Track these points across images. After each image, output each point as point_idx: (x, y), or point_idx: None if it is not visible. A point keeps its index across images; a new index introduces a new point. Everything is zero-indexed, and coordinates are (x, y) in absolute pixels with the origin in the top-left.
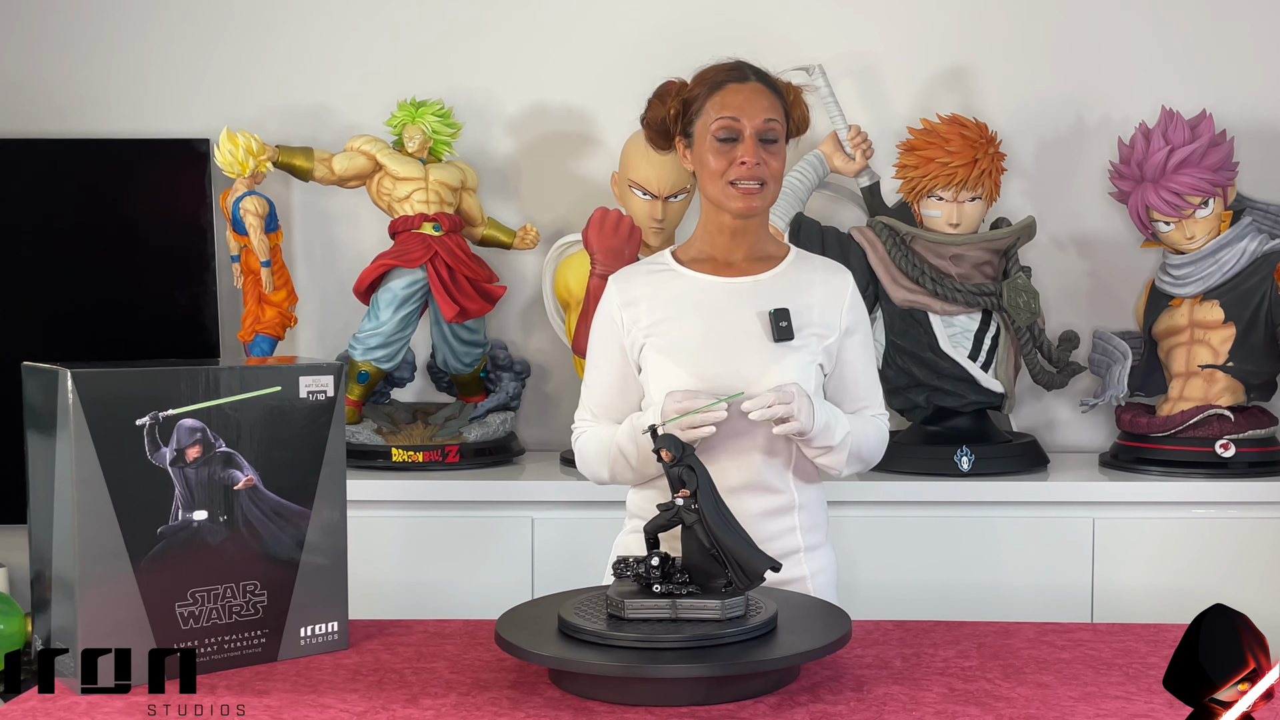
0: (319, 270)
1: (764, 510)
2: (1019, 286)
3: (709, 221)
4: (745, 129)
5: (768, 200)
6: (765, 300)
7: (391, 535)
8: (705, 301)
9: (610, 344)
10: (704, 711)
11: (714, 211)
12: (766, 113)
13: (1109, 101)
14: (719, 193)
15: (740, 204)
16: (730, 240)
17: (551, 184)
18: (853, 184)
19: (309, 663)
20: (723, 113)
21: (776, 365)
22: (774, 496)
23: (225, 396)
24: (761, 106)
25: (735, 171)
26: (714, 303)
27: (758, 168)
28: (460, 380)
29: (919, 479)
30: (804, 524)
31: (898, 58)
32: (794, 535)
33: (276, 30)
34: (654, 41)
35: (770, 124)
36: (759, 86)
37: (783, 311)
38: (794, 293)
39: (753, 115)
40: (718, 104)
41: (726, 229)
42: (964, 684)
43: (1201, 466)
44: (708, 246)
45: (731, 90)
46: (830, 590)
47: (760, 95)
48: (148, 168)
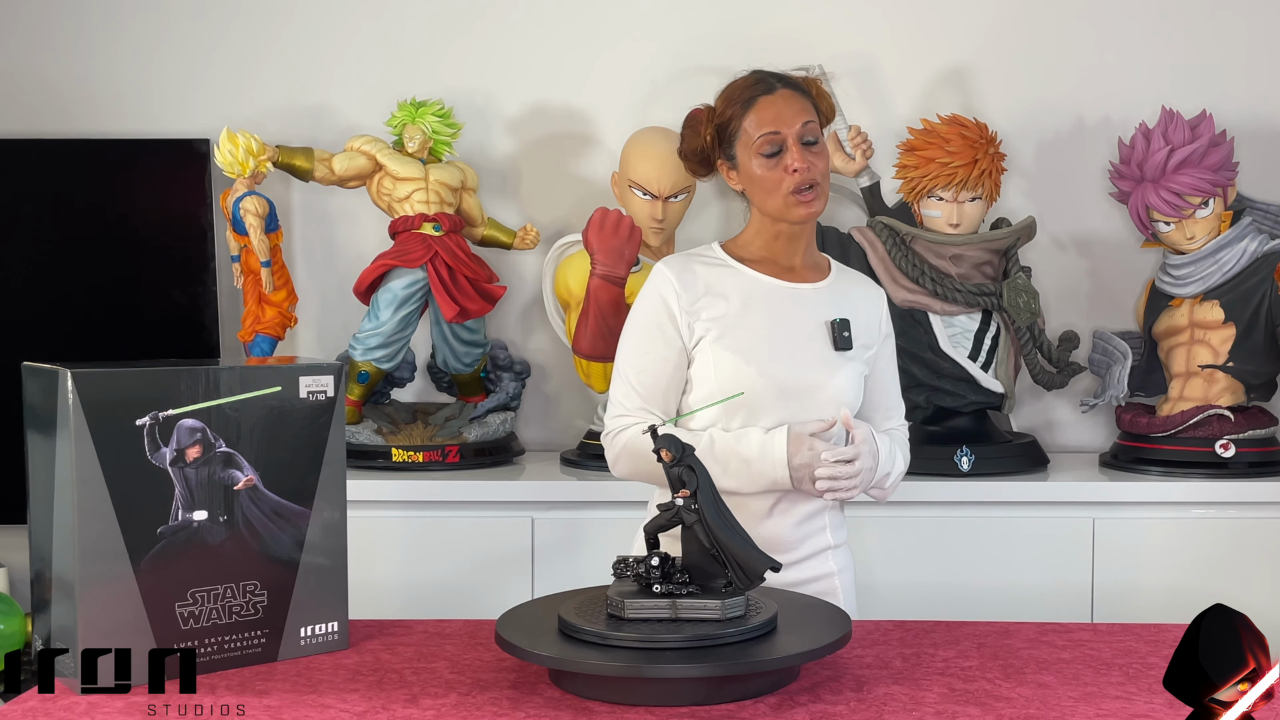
0: (319, 270)
1: (805, 513)
2: (1019, 286)
3: (764, 228)
4: (788, 138)
5: (824, 200)
6: (824, 308)
7: (391, 535)
8: (772, 303)
9: (667, 328)
10: (704, 711)
11: (772, 222)
12: (802, 116)
13: (1109, 101)
14: (779, 205)
15: (804, 210)
16: (789, 245)
17: (551, 184)
18: (853, 184)
19: (309, 663)
20: (762, 129)
21: (837, 374)
22: (808, 501)
23: (225, 396)
24: (796, 111)
25: (791, 181)
26: (782, 307)
27: (809, 172)
28: (460, 380)
29: (919, 479)
30: (833, 523)
31: (898, 58)
32: (824, 534)
33: (276, 30)
34: (654, 42)
35: (809, 126)
36: (787, 93)
37: (845, 322)
38: (845, 304)
39: (791, 122)
40: (755, 121)
41: (785, 234)
42: (964, 684)
43: (1201, 466)
44: (765, 249)
45: (764, 104)
46: (853, 587)
47: (792, 100)
48: (148, 168)
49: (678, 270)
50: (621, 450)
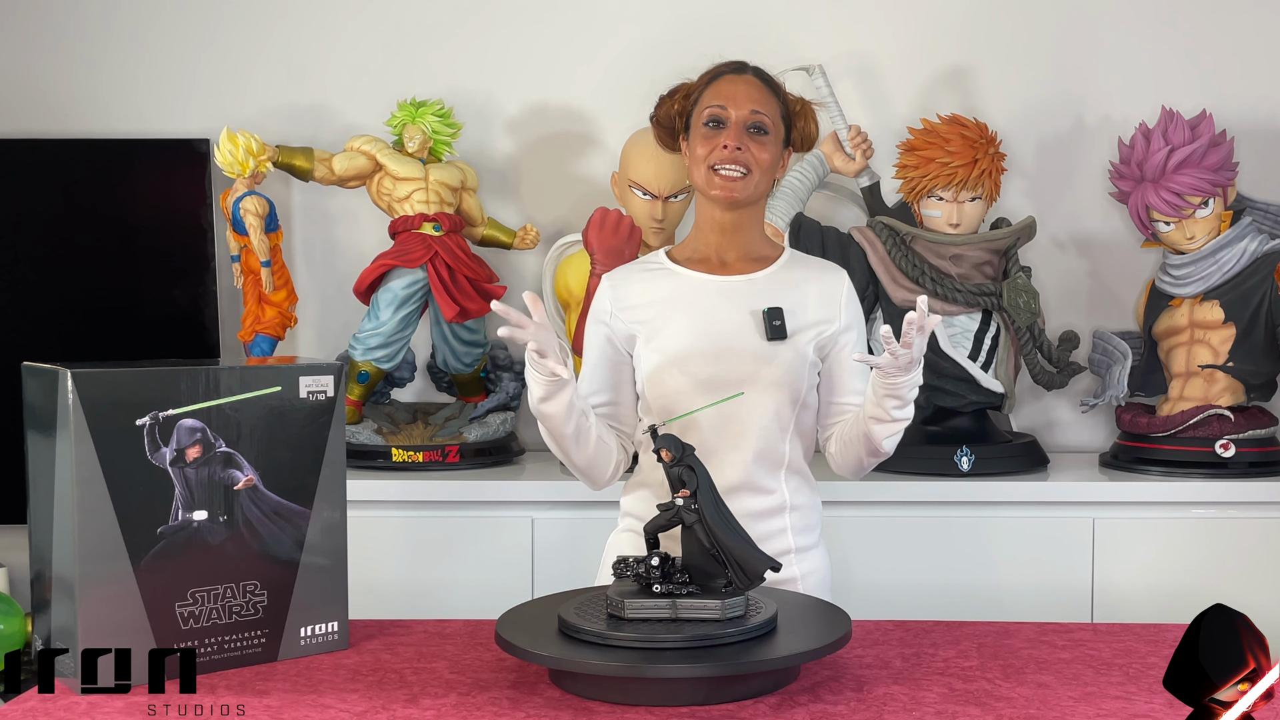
0: (319, 270)
1: (756, 510)
2: (1019, 286)
3: (702, 220)
4: (731, 116)
5: (750, 190)
6: (759, 299)
7: (391, 535)
8: (698, 300)
9: (598, 336)
10: (704, 711)
11: (706, 208)
12: (755, 103)
13: (1109, 101)
14: (702, 179)
15: (720, 190)
16: (722, 238)
17: (551, 184)
18: (853, 184)
19: (309, 663)
20: (713, 100)
21: (770, 364)
22: (766, 497)
23: (225, 396)
24: (750, 96)
25: (716, 156)
26: (707, 301)
27: (739, 153)
28: (460, 380)
29: (919, 479)
30: (795, 525)
31: (898, 58)
32: (785, 536)
33: (276, 30)
34: (654, 42)
35: (758, 115)
36: (753, 80)
37: (776, 310)
38: (788, 291)
39: (740, 104)
40: (710, 94)
41: (717, 226)
42: (964, 684)
43: (1201, 466)
44: (701, 246)
45: (725, 80)
46: (824, 592)
47: (752, 87)
48: (148, 168)
49: (614, 279)
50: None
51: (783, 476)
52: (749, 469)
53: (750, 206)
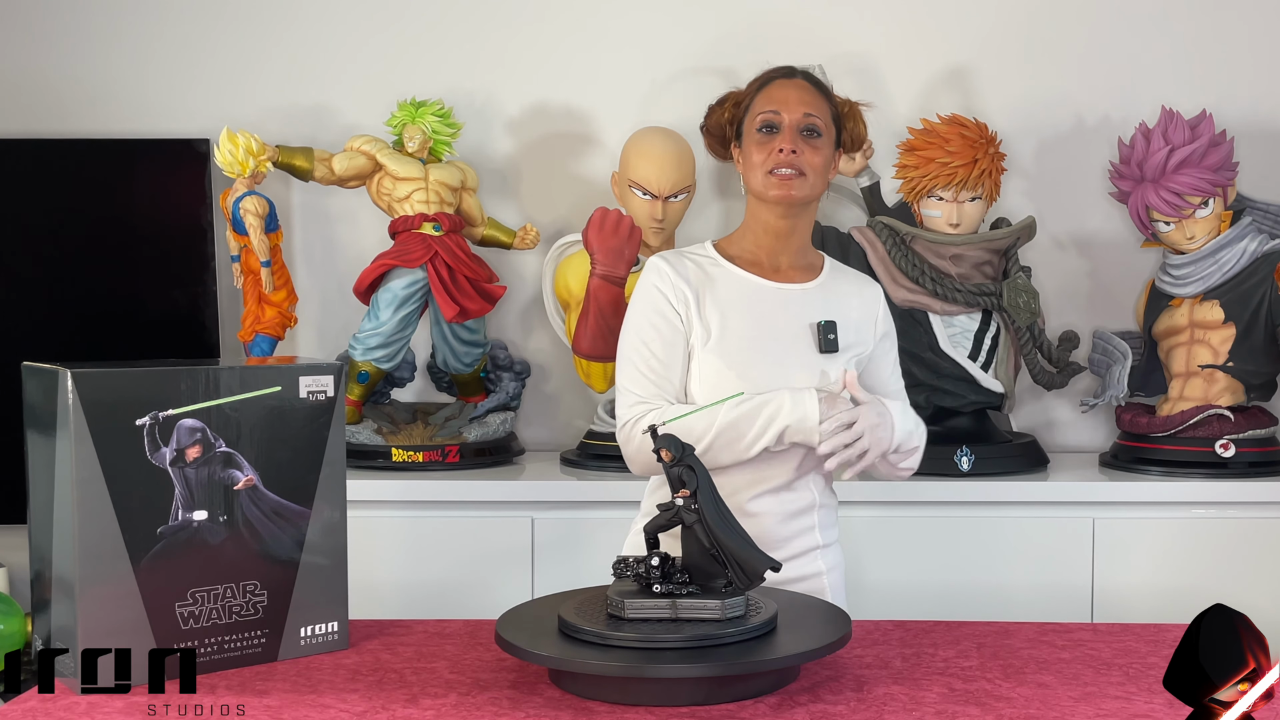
0: (319, 270)
1: (790, 511)
2: (1019, 286)
3: (755, 223)
4: (784, 120)
5: (805, 191)
6: (811, 309)
7: (391, 535)
8: (757, 305)
9: (668, 313)
10: (704, 711)
11: (760, 211)
12: (807, 106)
13: (1109, 101)
14: (759, 183)
15: (777, 191)
16: (775, 242)
17: (551, 184)
18: (853, 184)
19: (309, 663)
20: (765, 106)
21: (822, 377)
22: (796, 496)
23: (225, 396)
24: (803, 100)
25: (773, 160)
26: (766, 308)
27: (794, 156)
28: (460, 380)
29: (919, 479)
30: (822, 522)
31: (898, 58)
32: (813, 533)
33: (277, 30)
34: (654, 42)
35: (810, 118)
36: (803, 84)
37: (831, 324)
38: (835, 304)
39: (793, 108)
40: (762, 99)
41: (771, 230)
42: (964, 684)
43: (1201, 466)
44: (753, 247)
45: (776, 85)
46: (842, 586)
47: (804, 91)
48: (148, 168)
49: (672, 262)
50: (644, 441)
51: (812, 477)
52: (790, 473)
53: (805, 211)
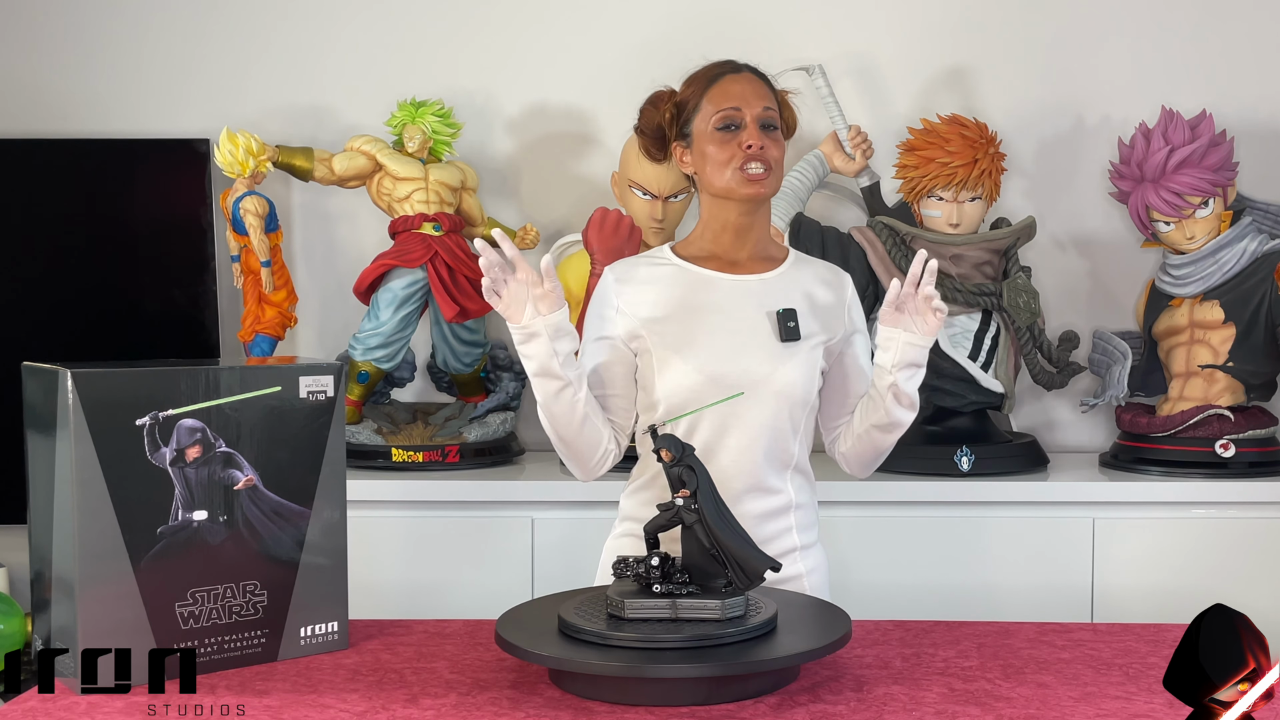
0: (319, 270)
1: (764, 511)
2: (1019, 286)
3: (712, 220)
4: (746, 116)
5: (774, 186)
6: (771, 299)
7: (391, 535)
8: (713, 298)
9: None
10: (704, 711)
11: (718, 209)
12: (765, 100)
13: (1109, 101)
14: (728, 182)
15: (749, 189)
16: (735, 238)
17: (551, 184)
18: (853, 184)
19: (309, 663)
20: (723, 104)
21: (783, 365)
22: (773, 497)
23: (225, 396)
24: (760, 94)
25: (743, 157)
26: (721, 299)
27: (763, 151)
28: (460, 380)
29: (919, 479)
30: (800, 523)
31: (898, 58)
32: (791, 535)
33: (276, 30)
34: (654, 42)
35: (769, 111)
36: (754, 77)
37: (790, 312)
38: (797, 293)
39: (752, 103)
40: (716, 96)
41: (731, 227)
42: (964, 684)
43: (1201, 466)
44: (711, 245)
45: (728, 81)
46: (824, 588)
47: (758, 85)
48: (147, 168)
49: (619, 272)
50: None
51: (789, 476)
52: (759, 469)
53: (765, 205)
